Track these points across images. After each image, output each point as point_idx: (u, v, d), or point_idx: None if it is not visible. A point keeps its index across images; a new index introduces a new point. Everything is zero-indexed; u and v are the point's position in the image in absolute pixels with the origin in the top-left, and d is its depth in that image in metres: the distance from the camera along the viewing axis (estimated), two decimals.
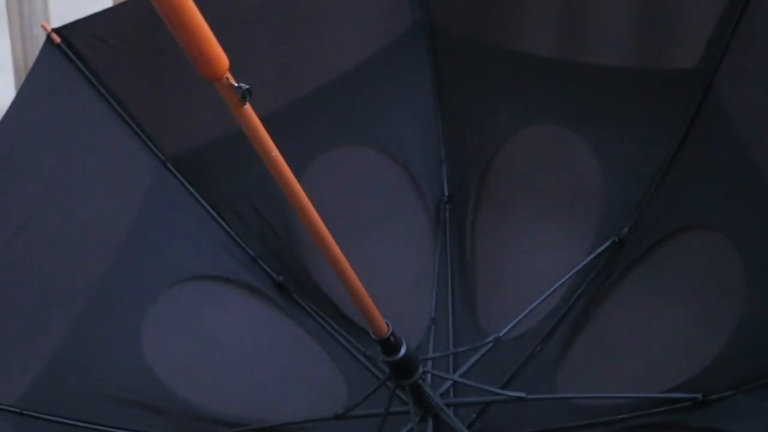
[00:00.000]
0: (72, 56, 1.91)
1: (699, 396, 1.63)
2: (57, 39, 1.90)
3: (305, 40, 2.07)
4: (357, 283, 1.59)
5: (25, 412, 1.72)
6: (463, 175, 2.09)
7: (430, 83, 2.13)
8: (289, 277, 2.01)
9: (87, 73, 1.91)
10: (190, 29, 1.21)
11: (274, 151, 1.39)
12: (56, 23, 1.93)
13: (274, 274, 2.01)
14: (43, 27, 1.92)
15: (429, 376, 1.80)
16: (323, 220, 1.51)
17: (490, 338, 1.85)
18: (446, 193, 2.09)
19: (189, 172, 2.00)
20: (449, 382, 1.86)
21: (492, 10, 2.10)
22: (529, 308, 1.86)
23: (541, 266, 1.98)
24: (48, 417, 1.74)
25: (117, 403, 1.80)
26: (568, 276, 1.90)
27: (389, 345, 1.67)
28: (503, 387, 1.85)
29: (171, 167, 1.99)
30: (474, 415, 1.87)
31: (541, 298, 1.87)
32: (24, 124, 1.86)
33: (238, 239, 2.01)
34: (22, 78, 2.51)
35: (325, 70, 2.08)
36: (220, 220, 2.01)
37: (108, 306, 1.85)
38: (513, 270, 2.02)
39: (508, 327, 1.86)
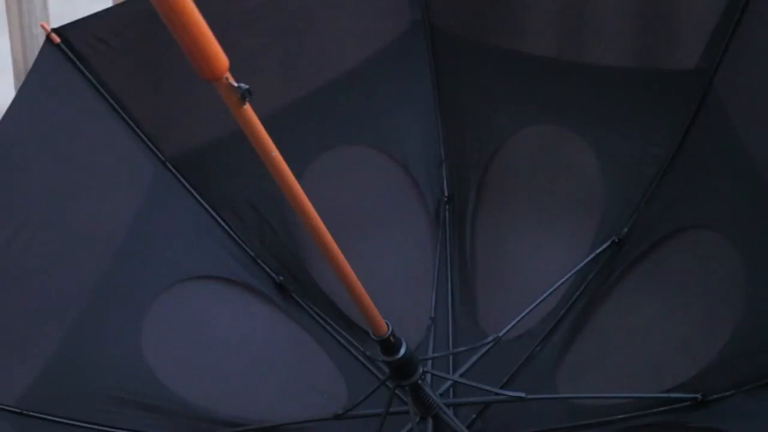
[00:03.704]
0: (72, 56, 1.91)
1: (699, 396, 1.63)
2: (57, 39, 1.90)
3: (305, 40, 2.07)
4: (357, 283, 1.59)
5: (25, 412, 1.72)
6: (463, 175, 2.09)
7: (430, 83, 2.13)
8: (289, 277, 2.01)
9: (87, 73, 1.91)
10: (189, 29, 1.21)
11: (274, 151, 1.39)
12: (56, 23, 1.93)
13: (274, 274, 2.01)
14: (43, 27, 1.92)
15: (429, 376, 1.80)
16: (323, 220, 1.51)
17: (490, 338, 1.86)
18: (446, 193, 2.09)
19: (189, 172, 2.00)
20: (449, 382, 1.86)
21: (492, 10, 2.10)
22: (529, 308, 1.87)
23: (540, 266, 1.99)
24: (48, 417, 1.74)
25: (117, 403, 1.80)
26: (568, 276, 1.90)
27: (389, 345, 1.67)
28: (503, 387, 1.85)
29: (171, 167, 1.99)
30: (474, 415, 1.87)
31: (540, 298, 1.88)
32: (24, 124, 1.86)
33: (238, 239, 2.01)
34: (22, 78, 2.51)
35: (325, 70, 2.08)
36: (220, 220, 2.01)
37: (108, 306, 1.85)
38: (513, 270, 2.03)
39: (508, 327, 1.86)
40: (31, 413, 1.72)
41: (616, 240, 1.90)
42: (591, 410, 1.78)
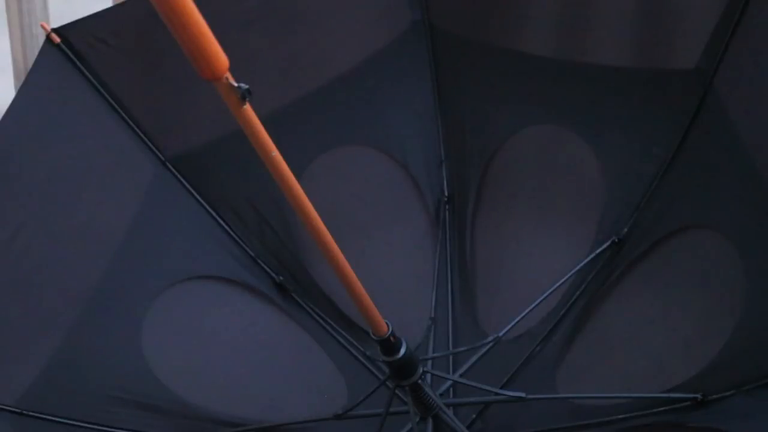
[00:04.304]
0: (72, 56, 1.91)
1: (699, 396, 1.63)
2: (57, 39, 1.90)
3: (305, 40, 2.07)
4: (357, 282, 1.59)
5: (25, 412, 1.72)
6: (463, 175, 2.09)
7: (430, 83, 2.13)
8: (289, 277, 2.01)
9: (87, 73, 1.91)
10: (189, 29, 1.21)
11: (274, 151, 1.39)
12: (56, 23, 1.93)
13: (274, 274, 2.01)
14: (43, 27, 1.92)
15: (429, 376, 1.80)
16: (323, 220, 1.51)
17: (490, 338, 1.86)
18: (446, 193, 2.09)
19: (189, 172, 2.00)
20: (449, 382, 1.86)
21: (492, 10, 2.10)
22: (529, 308, 1.87)
23: (540, 266, 1.99)
24: (48, 417, 1.74)
25: (117, 403, 1.80)
26: (568, 276, 1.90)
27: (389, 345, 1.67)
28: (503, 387, 1.85)
29: (171, 167, 1.99)
30: (474, 415, 1.87)
31: (540, 298, 1.88)
32: (24, 124, 1.86)
33: (238, 239, 2.01)
34: (22, 78, 2.51)
35: (324, 70, 2.08)
36: (220, 220, 2.01)
37: (108, 306, 1.85)
38: (513, 270, 2.03)
39: (508, 327, 1.86)
40: (31, 413, 1.72)
41: (616, 240, 1.90)
42: (591, 410, 1.78)
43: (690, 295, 1.78)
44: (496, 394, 1.79)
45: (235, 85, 1.29)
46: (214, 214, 2.01)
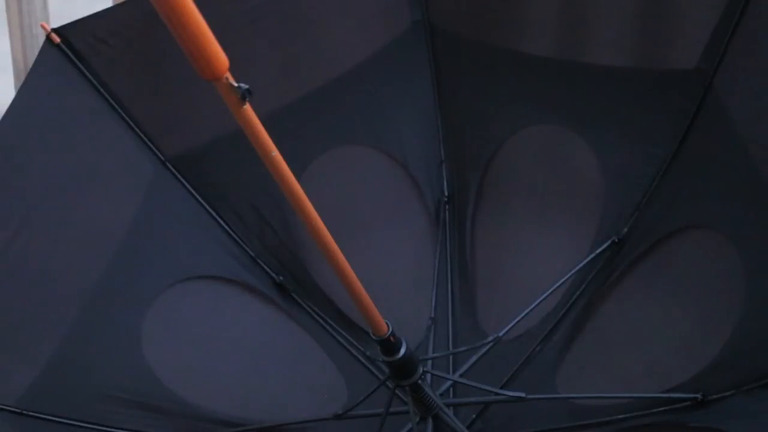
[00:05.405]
0: (72, 56, 1.91)
1: (699, 396, 1.63)
2: (57, 39, 1.90)
3: (305, 40, 2.07)
4: (357, 283, 1.59)
5: (25, 412, 1.72)
6: (463, 175, 2.09)
7: (430, 83, 2.13)
8: (289, 277, 2.01)
9: (87, 73, 1.91)
10: (189, 29, 1.21)
11: (274, 151, 1.40)
12: (56, 23, 1.93)
13: (274, 274, 2.01)
14: (43, 27, 1.92)
15: (429, 376, 1.80)
16: (323, 220, 1.51)
17: (490, 338, 1.86)
18: (446, 193, 2.09)
19: (189, 172, 2.00)
20: (449, 382, 1.86)
21: (492, 10, 2.10)
22: (529, 308, 1.87)
23: (540, 266, 1.99)
24: (48, 417, 1.74)
25: (117, 403, 1.80)
26: (568, 276, 1.90)
27: (389, 345, 1.67)
28: (503, 387, 1.85)
29: (171, 167, 1.99)
30: (474, 415, 1.88)
31: (541, 298, 1.88)
32: (24, 124, 1.86)
33: (238, 239, 2.01)
34: (22, 78, 2.51)
35: (325, 70, 2.08)
36: (220, 220, 2.01)
37: (108, 306, 1.85)
38: (513, 270, 2.03)
39: (508, 327, 1.86)
40: (31, 413, 1.72)
41: (616, 240, 1.90)
42: (591, 410, 1.79)
43: (690, 294, 1.79)
44: (496, 394, 1.79)
45: (235, 85, 1.29)
46: (214, 214, 2.01)
